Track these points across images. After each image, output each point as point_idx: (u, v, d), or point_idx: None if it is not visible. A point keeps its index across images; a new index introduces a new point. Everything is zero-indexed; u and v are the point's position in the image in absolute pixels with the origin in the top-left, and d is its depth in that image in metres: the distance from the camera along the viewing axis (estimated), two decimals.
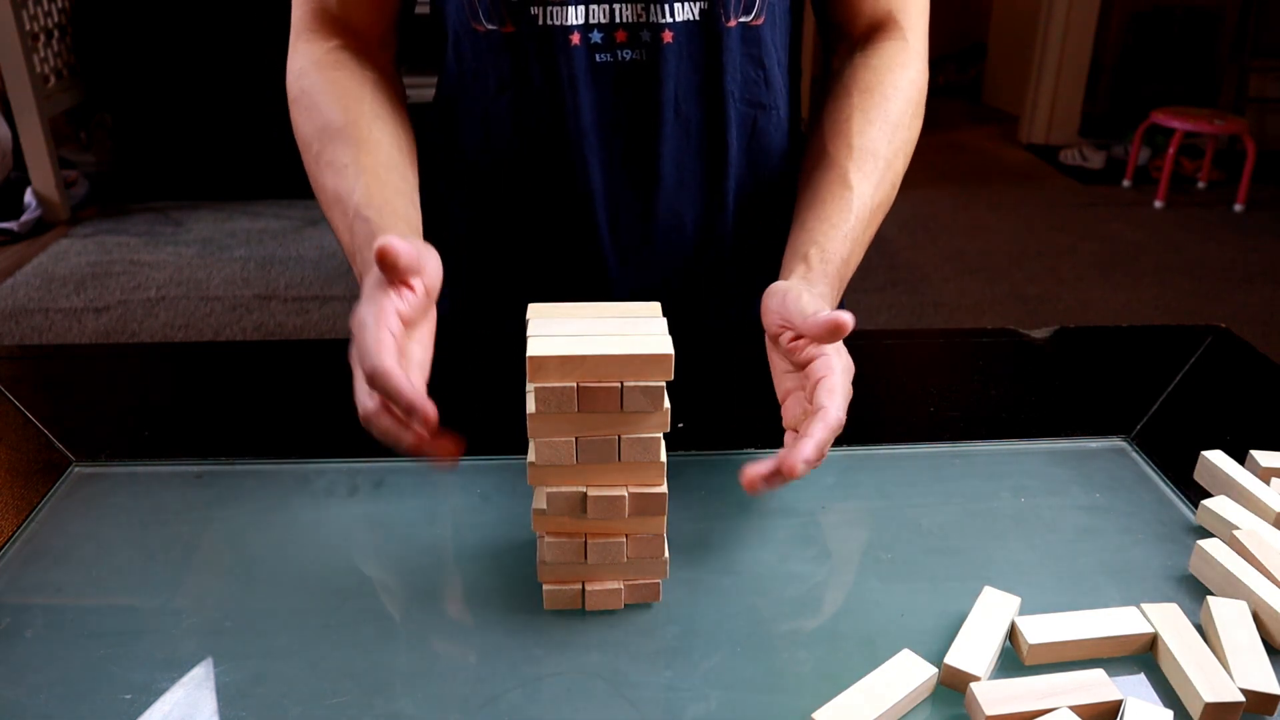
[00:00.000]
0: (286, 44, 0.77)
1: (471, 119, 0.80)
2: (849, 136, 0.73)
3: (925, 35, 0.80)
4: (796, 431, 0.59)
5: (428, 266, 0.58)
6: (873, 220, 0.72)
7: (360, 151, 0.69)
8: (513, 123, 0.78)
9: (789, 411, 0.61)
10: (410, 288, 0.56)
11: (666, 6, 0.72)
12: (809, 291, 0.62)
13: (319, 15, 0.76)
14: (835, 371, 0.58)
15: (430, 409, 0.50)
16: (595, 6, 0.73)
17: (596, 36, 0.74)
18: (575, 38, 0.73)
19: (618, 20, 0.73)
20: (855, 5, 0.79)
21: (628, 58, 0.74)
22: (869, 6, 0.79)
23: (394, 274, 0.55)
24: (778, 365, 0.63)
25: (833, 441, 0.55)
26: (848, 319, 0.55)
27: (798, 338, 0.60)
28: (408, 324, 0.56)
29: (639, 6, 0.73)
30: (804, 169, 0.77)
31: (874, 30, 0.80)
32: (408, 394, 0.50)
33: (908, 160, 0.76)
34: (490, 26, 0.75)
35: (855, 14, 0.80)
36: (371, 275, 0.57)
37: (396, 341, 0.53)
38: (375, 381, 0.51)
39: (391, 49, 0.80)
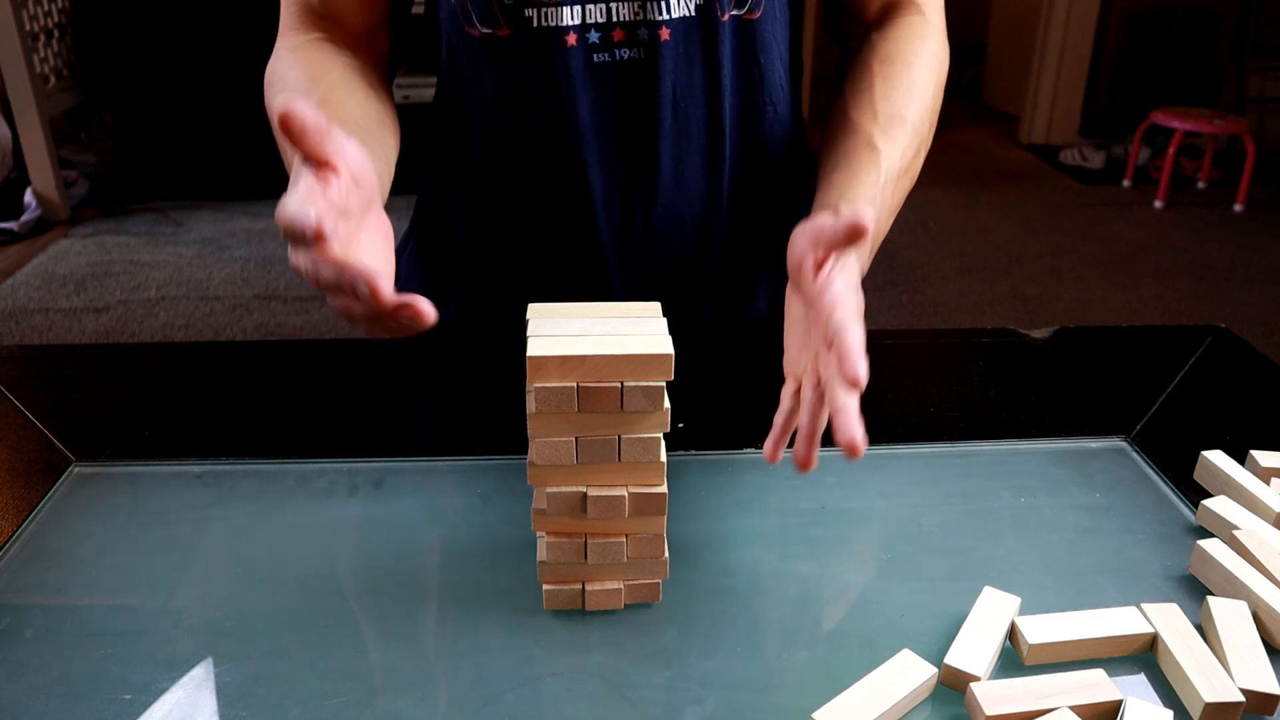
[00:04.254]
0: None
1: (470, 122, 0.80)
2: (873, 103, 0.71)
3: (942, 11, 0.79)
4: (797, 380, 0.57)
5: (346, 148, 0.49)
6: (899, 184, 0.70)
7: (320, 102, 0.66)
8: (511, 125, 0.78)
9: (792, 359, 0.58)
10: (334, 169, 0.48)
11: (663, 3, 0.72)
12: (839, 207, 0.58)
13: (304, 11, 0.76)
14: (846, 305, 0.52)
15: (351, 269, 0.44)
16: (592, 6, 0.72)
17: (594, 36, 0.73)
18: (572, 38, 0.73)
19: (615, 19, 0.73)
20: None
21: (625, 56, 0.74)
22: None
23: (304, 145, 0.46)
24: (791, 312, 0.59)
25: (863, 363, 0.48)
26: (865, 218, 0.51)
27: (820, 265, 0.56)
28: (343, 213, 0.48)
29: (636, 5, 0.72)
30: (828, 138, 0.74)
31: (889, 10, 0.79)
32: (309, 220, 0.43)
33: (933, 129, 0.75)
34: (485, 30, 0.74)
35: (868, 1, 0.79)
36: (295, 166, 0.49)
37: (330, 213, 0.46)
38: (290, 230, 0.44)
39: (379, 49, 0.79)
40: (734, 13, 0.75)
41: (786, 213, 0.82)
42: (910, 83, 0.73)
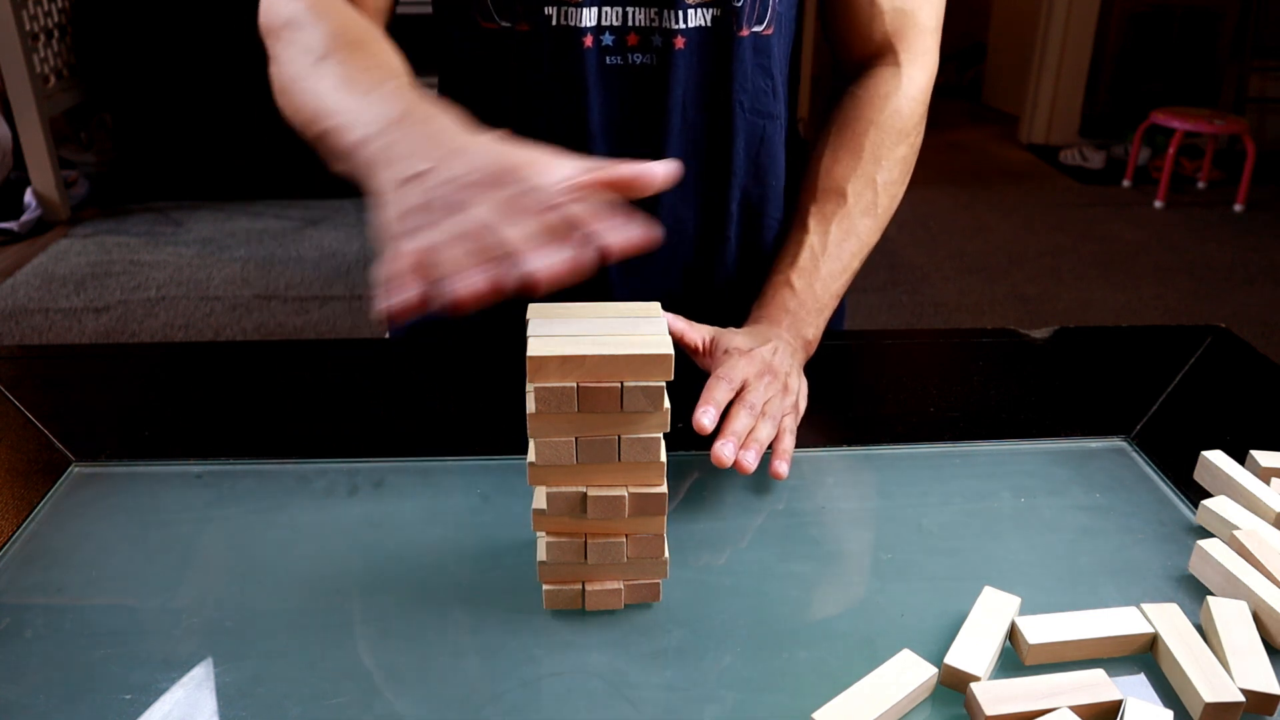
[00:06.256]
0: None
1: (474, 115, 0.80)
2: (815, 178, 0.79)
3: (927, 52, 0.81)
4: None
5: None
6: (834, 251, 0.76)
7: (388, 63, 0.62)
8: (518, 120, 0.78)
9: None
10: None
11: (680, 12, 0.72)
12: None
13: None
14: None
15: None
16: (608, 9, 0.73)
17: (608, 39, 0.73)
18: (588, 40, 0.73)
19: (630, 24, 0.73)
20: (851, 38, 0.81)
21: (638, 61, 0.74)
22: (862, 41, 0.80)
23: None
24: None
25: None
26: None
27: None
28: None
29: (652, 11, 0.73)
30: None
31: (870, 59, 0.81)
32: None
33: (889, 185, 0.79)
34: (503, 24, 0.74)
35: (851, 46, 0.82)
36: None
37: None
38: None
39: (383, 19, 0.76)
40: (754, 29, 0.75)
41: (787, 219, 0.82)
42: (856, 151, 0.78)
